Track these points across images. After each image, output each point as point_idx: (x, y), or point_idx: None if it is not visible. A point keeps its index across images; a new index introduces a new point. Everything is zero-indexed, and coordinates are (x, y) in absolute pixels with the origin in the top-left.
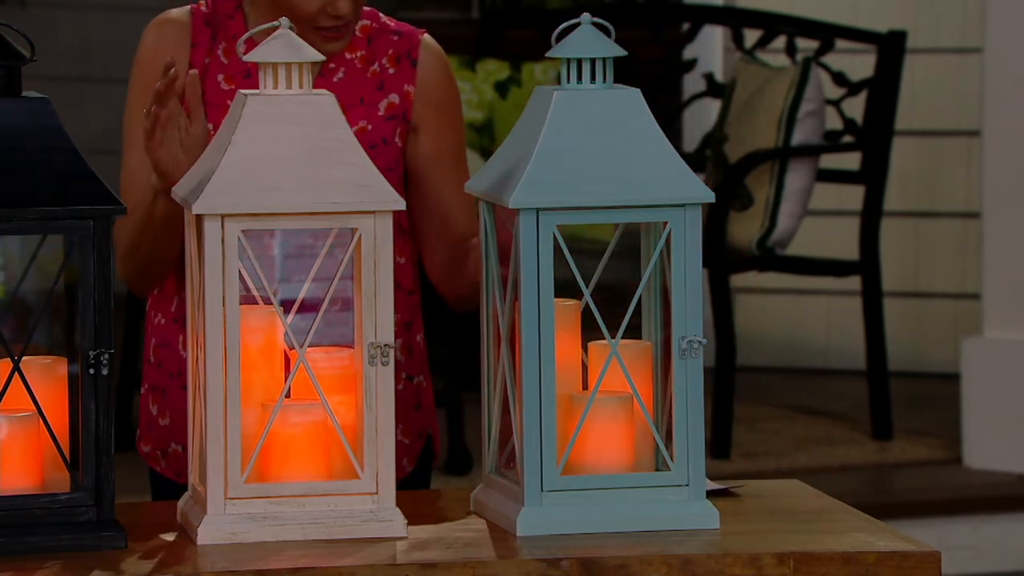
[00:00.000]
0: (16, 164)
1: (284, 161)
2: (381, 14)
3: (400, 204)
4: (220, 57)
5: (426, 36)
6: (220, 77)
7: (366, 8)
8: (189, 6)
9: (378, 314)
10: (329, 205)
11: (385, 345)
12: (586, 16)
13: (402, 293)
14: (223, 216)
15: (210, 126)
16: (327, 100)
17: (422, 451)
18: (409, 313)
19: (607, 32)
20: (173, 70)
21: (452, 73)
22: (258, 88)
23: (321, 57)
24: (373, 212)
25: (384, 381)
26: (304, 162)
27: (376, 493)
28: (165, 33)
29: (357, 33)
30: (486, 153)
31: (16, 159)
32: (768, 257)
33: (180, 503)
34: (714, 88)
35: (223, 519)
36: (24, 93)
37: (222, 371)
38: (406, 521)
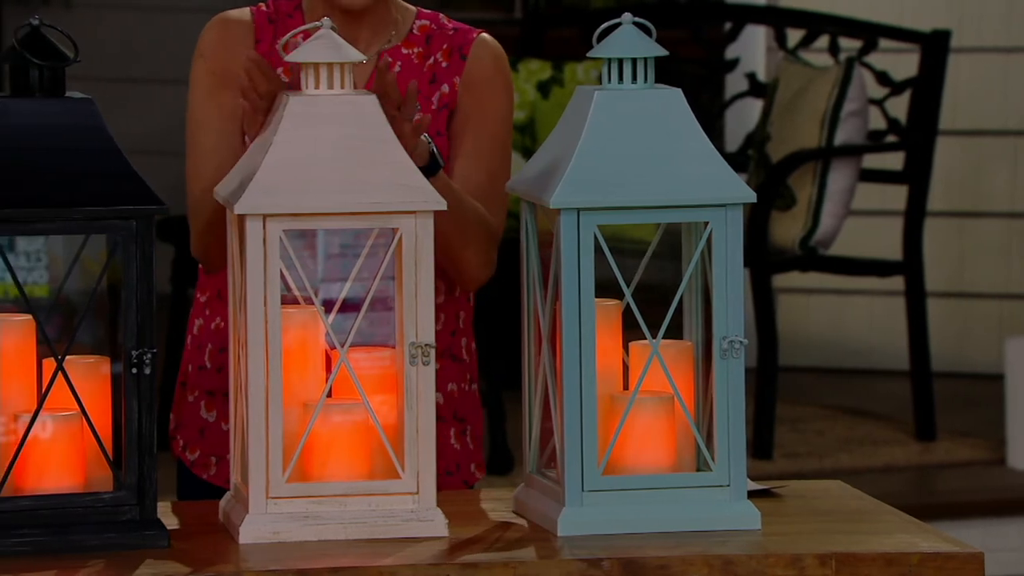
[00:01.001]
0: (60, 165)
1: (325, 161)
2: (442, 15)
3: (441, 204)
4: (280, 52)
5: (483, 34)
6: (280, 71)
7: (428, 11)
8: (248, 7)
9: (419, 314)
10: (370, 205)
11: (426, 345)
12: (627, 16)
13: (465, 295)
14: (265, 216)
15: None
16: (368, 100)
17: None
18: (469, 316)
19: (648, 32)
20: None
21: (505, 69)
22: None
23: (362, 57)
24: (414, 212)
25: (425, 381)
26: (345, 162)
27: (417, 493)
28: (229, 28)
29: (415, 32)
30: (528, 153)
31: (60, 160)
32: (811, 257)
33: (222, 503)
34: (756, 88)
35: (265, 518)
36: (68, 93)
37: (264, 371)
38: (447, 521)
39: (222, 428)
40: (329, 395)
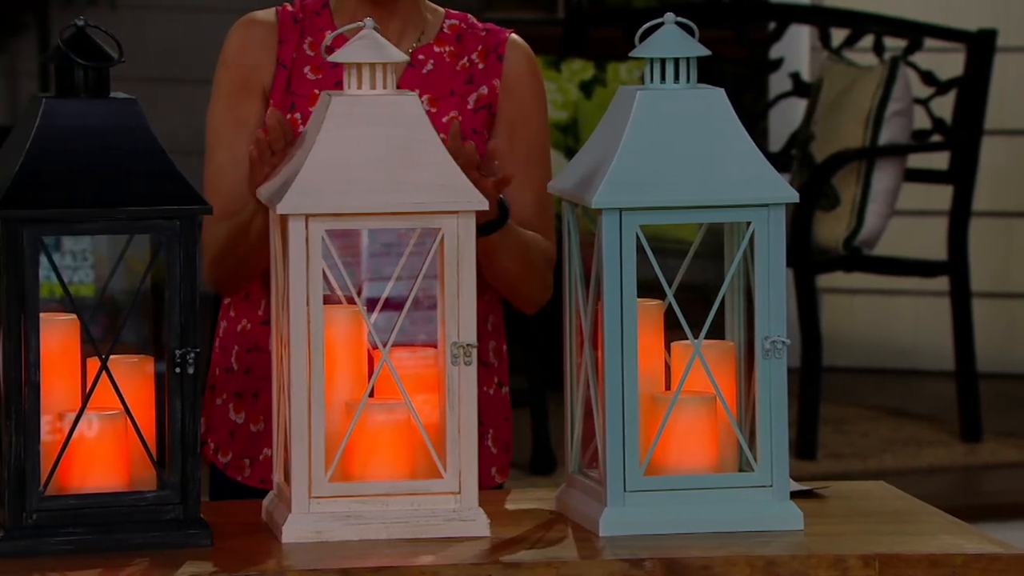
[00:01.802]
0: (104, 165)
1: (368, 161)
2: (470, 15)
3: (483, 204)
4: (306, 50)
5: (513, 35)
6: (307, 68)
7: (456, 11)
8: (274, 8)
9: (460, 314)
10: (412, 205)
11: (468, 345)
12: (670, 16)
13: (495, 297)
14: (307, 216)
15: (299, 115)
16: (411, 100)
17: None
18: (499, 319)
19: (691, 32)
20: (280, 125)
21: (538, 72)
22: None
23: (404, 57)
24: (456, 212)
25: (467, 380)
26: (388, 162)
27: (459, 493)
28: (252, 32)
29: (446, 31)
30: (571, 153)
31: (104, 160)
32: (855, 257)
33: (265, 502)
34: (800, 87)
35: (308, 518)
36: (112, 94)
37: (306, 371)
38: (489, 521)
39: (251, 429)
40: (371, 394)
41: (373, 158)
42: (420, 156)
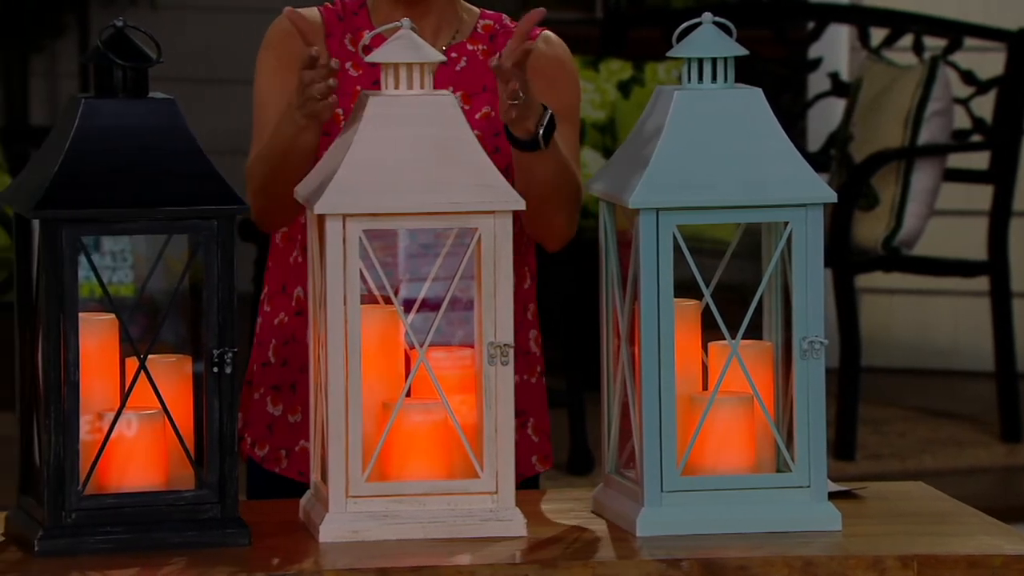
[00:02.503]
0: (142, 165)
1: (405, 161)
2: (505, 16)
3: (520, 204)
4: (347, 47)
5: (546, 31)
6: (348, 65)
7: (491, 12)
8: (316, 7)
9: (497, 314)
10: (449, 205)
11: (504, 345)
12: (707, 15)
13: (534, 286)
14: (344, 216)
15: (340, 110)
16: (448, 100)
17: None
18: (536, 308)
19: (729, 31)
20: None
21: (569, 60)
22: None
23: (441, 57)
24: (493, 212)
25: (504, 380)
26: (425, 162)
27: (496, 493)
28: (299, 19)
29: (479, 30)
30: (608, 152)
31: (142, 160)
32: (894, 257)
33: (303, 501)
34: (839, 87)
35: (345, 517)
36: (151, 94)
37: (343, 370)
38: (526, 520)
39: (289, 421)
40: (408, 394)
41: (410, 158)
42: (457, 156)
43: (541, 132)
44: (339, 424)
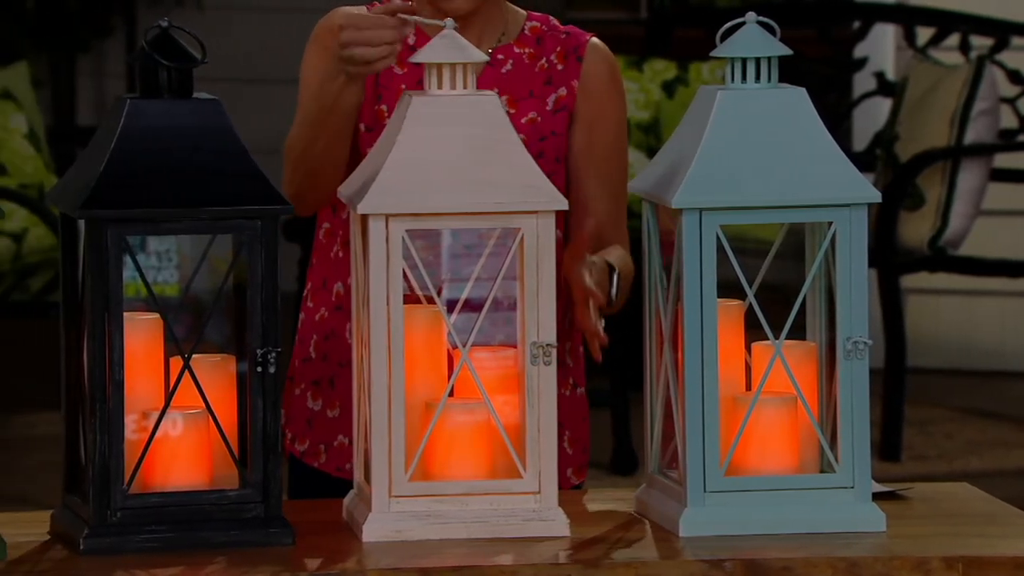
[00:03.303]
0: (187, 165)
1: (448, 161)
2: (551, 18)
3: (563, 204)
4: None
5: (594, 38)
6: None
7: (538, 14)
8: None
9: (540, 313)
10: (492, 205)
11: (547, 345)
12: (751, 15)
13: (571, 297)
14: (387, 216)
15: (384, 107)
16: (490, 100)
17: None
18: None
19: (772, 31)
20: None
21: (618, 74)
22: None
23: (484, 57)
24: (536, 212)
25: (546, 381)
26: (468, 162)
27: (538, 493)
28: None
29: (526, 32)
30: (652, 152)
31: (187, 160)
32: (940, 257)
33: (346, 501)
34: (885, 87)
35: (388, 517)
36: (196, 94)
37: (386, 370)
38: (568, 521)
39: (328, 416)
40: (451, 394)
41: (453, 158)
42: (500, 156)
43: (613, 293)
44: (382, 424)
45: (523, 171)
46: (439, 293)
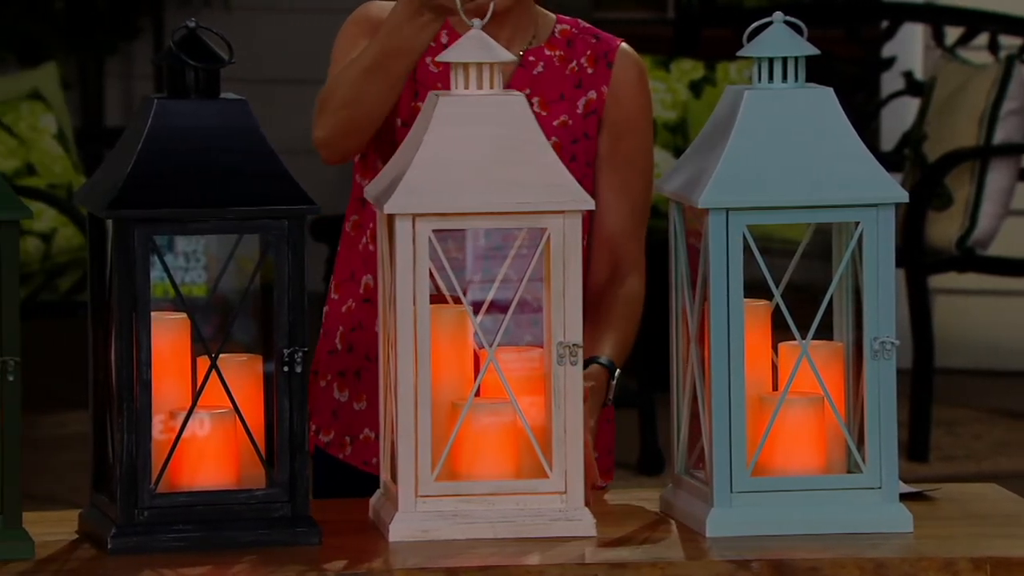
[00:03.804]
0: (213, 165)
1: (475, 161)
2: (581, 21)
3: (589, 203)
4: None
5: (624, 44)
6: (428, 60)
7: (567, 17)
8: (397, 3)
9: (567, 313)
10: (519, 205)
11: (574, 344)
12: (778, 15)
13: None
14: (414, 216)
15: (421, 104)
16: (517, 100)
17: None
18: None
19: (800, 31)
20: None
21: (647, 83)
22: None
23: (512, 57)
24: (563, 212)
25: (573, 380)
26: (494, 162)
27: (564, 492)
28: (385, 7)
29: (556, 35)
30: (679, 152)
31: (213, 160)
32: (968, 258)
33: (372, 500)
34: (913, 86)
35: (414, 516)
36: (223, 94)
37: (412, 370)
38: (595, 521)
39: (354, 408)
40: (477, 394)
41: (479, 158)
42: (527, 156)
43: (610, 397)
44: (408, 423)
45: (550, 171)
46: (465, 293)
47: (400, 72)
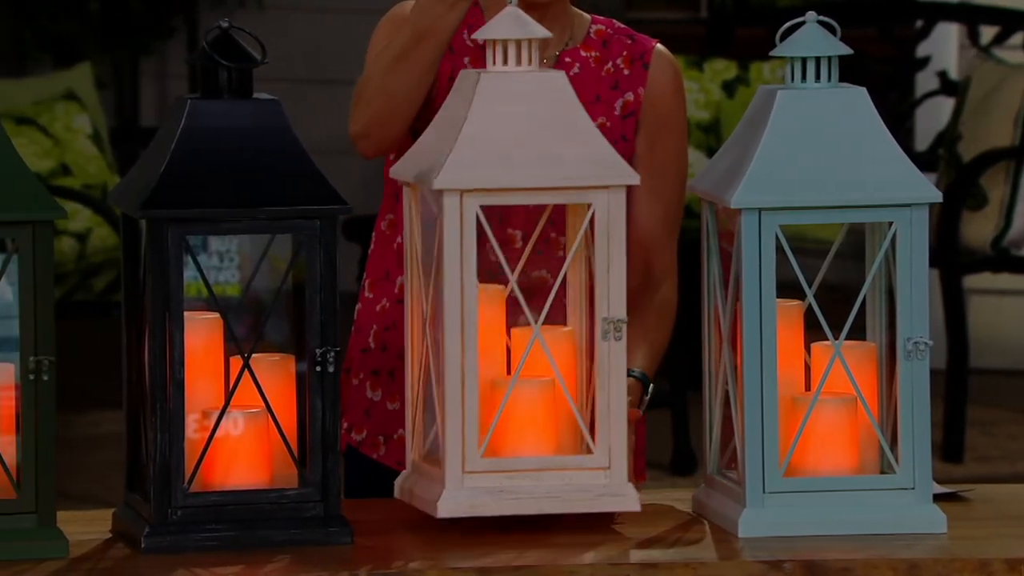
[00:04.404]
0: (246, 165)
1: (519, 137)
2: (616, 21)
3: (634, 178)
4: (466, 41)
5: (659, 45)
6: (467, 59)
7: (602, 17)
8: None
9: (611, 289)
10: (564, 180)
11: (618, 320)
12: (811, 14)
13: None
14: (462, 192)
15: None
16: (559, 76)
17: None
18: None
19: (833, 30)
20: None
21: (682, 86)
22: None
23: (547, 33)
24: (608, 187)
25: (616, 356)
26: (539, 138)
27: (608, 468)
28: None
29: (592, 36)
30: (712, 152)
31: (246, 160)
32: (1003, 258)
33: (399, 480)
34: (948, 86)
35: (462, 493)
36: (255, 95)
37: (459, 347)
38: (639, 495)
39: (387, 407)
40: (510, 372)
41: (524, 133)
42: (570, 132)
43: (643, 409)
44: (455, 401)
45: (594, 146)
46: (512, 273)
47: (430, 57)
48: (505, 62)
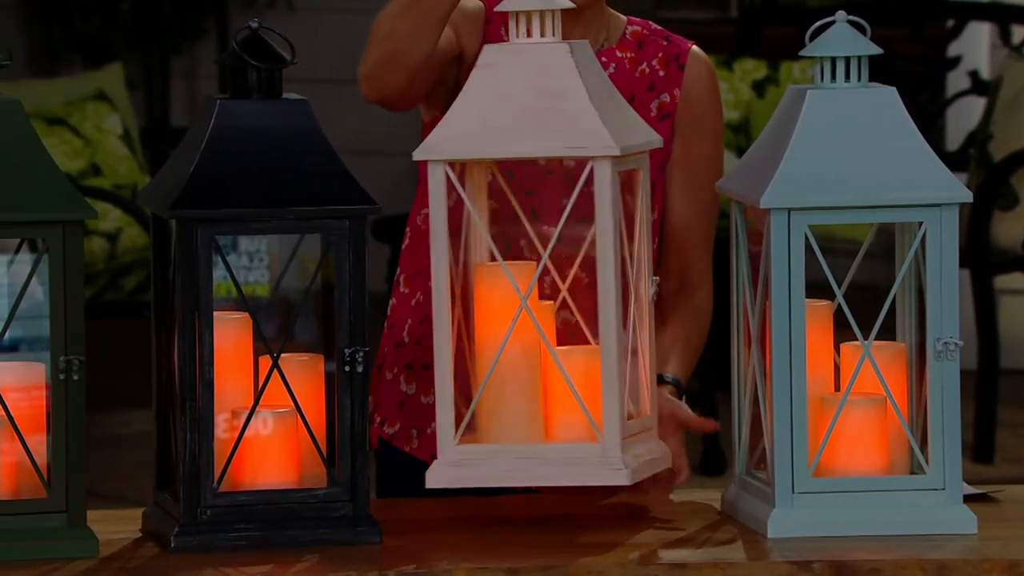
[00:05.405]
0: (275, 165)
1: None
2: (651, 23)
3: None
4: (503, 36)
5: (695, 47)
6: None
7: (638, 19)
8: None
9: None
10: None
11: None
12: (841, 14)
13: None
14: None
15: None
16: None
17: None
18: None
19: (863, 30)
20: None
21: (717, 87)
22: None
23: (571, 5)
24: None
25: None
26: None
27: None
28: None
29: (628, 37)
30: (742, 152)
31: (275, 160)
32: None
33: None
34: (979, 86)
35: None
36: (285, 95)
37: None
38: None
39: (421, 401)
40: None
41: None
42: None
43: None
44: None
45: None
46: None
47: (440, 9)
48: (528, 34)
